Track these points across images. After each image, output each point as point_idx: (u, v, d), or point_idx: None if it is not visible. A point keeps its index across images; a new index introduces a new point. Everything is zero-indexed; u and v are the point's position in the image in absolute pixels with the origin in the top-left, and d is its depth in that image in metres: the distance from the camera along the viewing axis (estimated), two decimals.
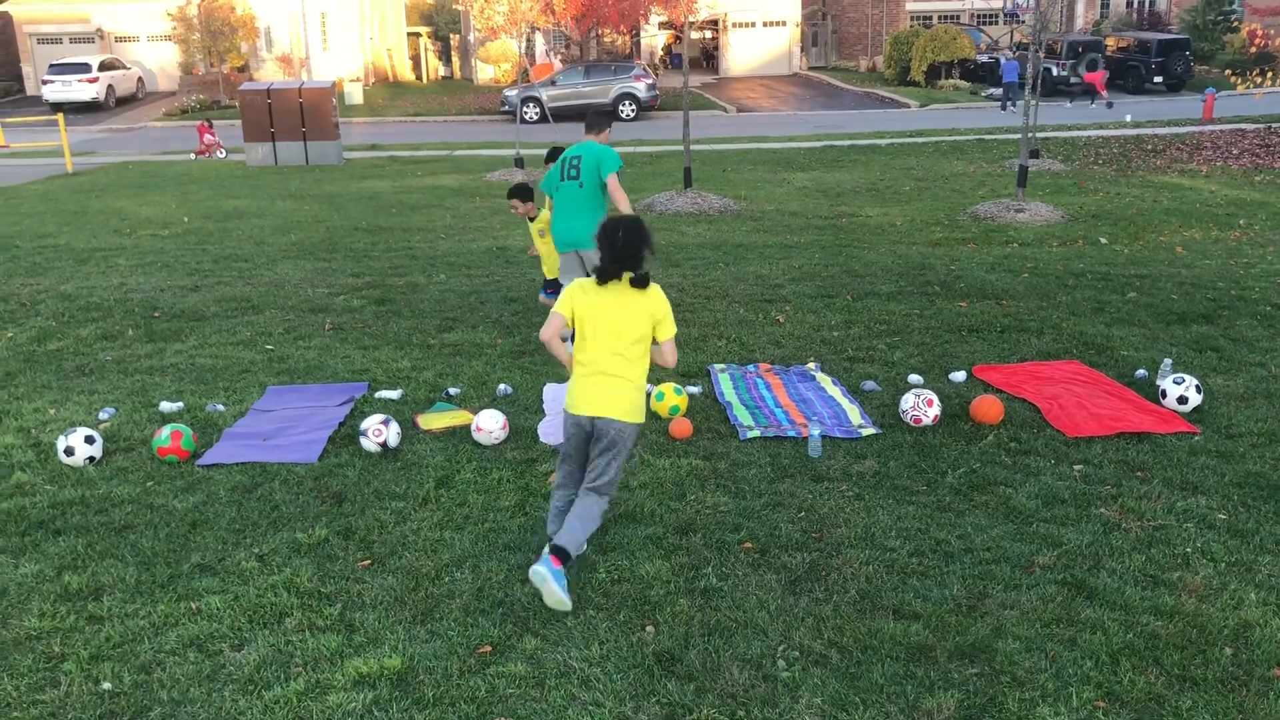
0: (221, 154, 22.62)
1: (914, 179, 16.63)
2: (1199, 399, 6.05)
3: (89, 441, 5.64)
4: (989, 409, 5.97)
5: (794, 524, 4.79)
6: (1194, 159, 17.97)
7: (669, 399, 6.18)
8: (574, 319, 4.30)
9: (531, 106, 28.47)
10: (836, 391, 6.55)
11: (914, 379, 6.73)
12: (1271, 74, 28.75)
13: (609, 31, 36.89)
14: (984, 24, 39.09)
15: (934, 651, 3.78)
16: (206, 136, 22.90)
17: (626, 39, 39.73)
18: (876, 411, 6.20)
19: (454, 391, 6.69)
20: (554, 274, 7.87)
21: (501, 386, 6.72)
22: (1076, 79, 30.32)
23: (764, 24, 40.70)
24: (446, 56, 45.55)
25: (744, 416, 6.14)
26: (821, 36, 45.20)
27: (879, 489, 5.15)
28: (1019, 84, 25.81)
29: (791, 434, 5.86)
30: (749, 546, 4.59)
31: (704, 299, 9.01)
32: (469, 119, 31.35)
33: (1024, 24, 33.77)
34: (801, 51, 42.04)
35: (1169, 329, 7.80)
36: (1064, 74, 30.50)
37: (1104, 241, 11.38)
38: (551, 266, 7.90)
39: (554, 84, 29.87)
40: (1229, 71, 30.99)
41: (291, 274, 10.51)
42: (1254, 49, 32.35)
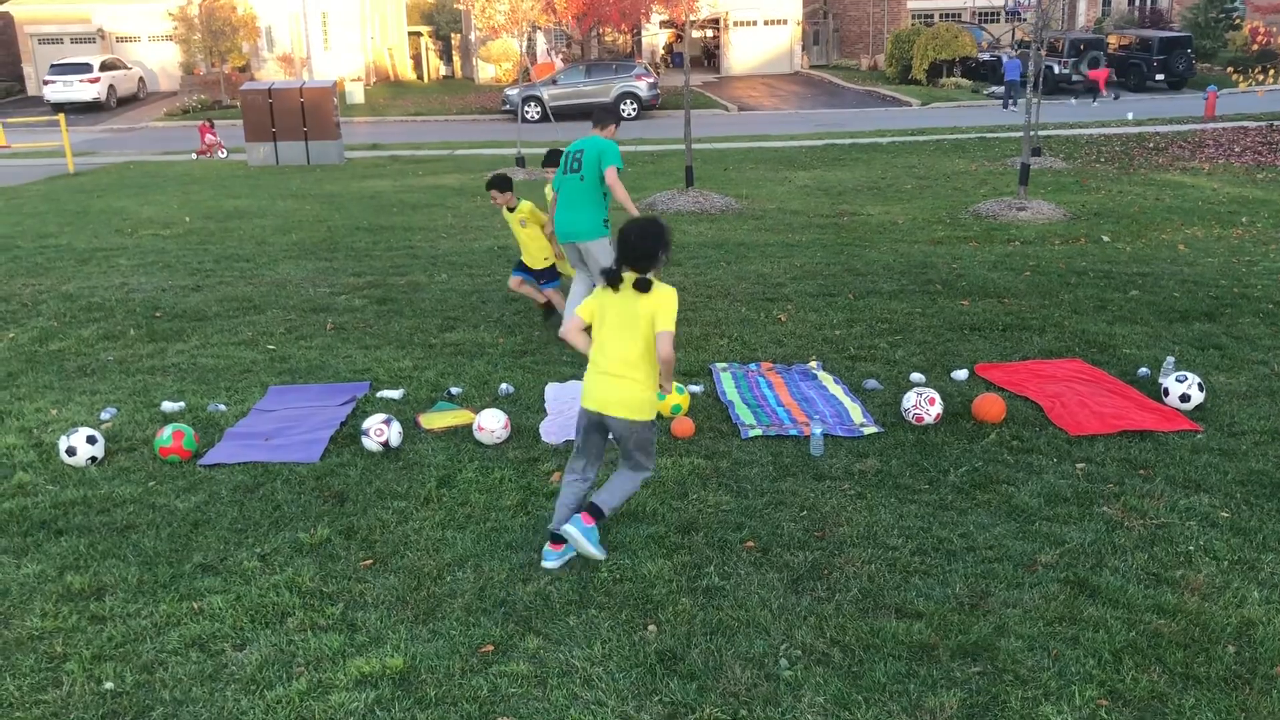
0: (223, 154, 22.64)
1: (915, 177, 16.62)
2: (1201, 397, 6.05)
3: (91, 441, 5.64)
4: (991, 407, 5.96)
5: (796, 523, 4.79)
6: (1196, 157, 17.95)
7: (670, 398, 6.17)
8: (593, 319, 4.42)
9: (533, 106, 28.49)
10: (838, 390, 6.54)
11: (916, 377, 6.73)
12: (1273, 71, 28.72)
13: (610, 30, 36.91)
14: (985, 22, 39.08)
15: (936, 650, 3.77)
16: (208, 136, 22.92)
17: (628, 38, 39.75)
18: (878, 410, 6.20)
19: (456, 391, 6.69)
20: (534, 263, 8.05)
21: (503, 386, 6.72)
22: (1079, 76, 30.30)
23: (765, 22, 40.70)
24: (447, 56, 45.58)
25: (746, 415, 6.14)
26: (823, 35, 45.20)
27: (881, 487, 5.15)
28: (1021, 82, 25.79)
29: (793, 433, 5.86)
30: (751, 545, 4.59)
31: (706, 298, 9.01)
32: (470, 118, 31.37)
33: (1026, 22, 33.77)
34: (803, 50, 42.03)
35: (1171, 327, 7.79)
36: (1066, 72, 30.48)
37: (1106, 239, 11.37)
38: (532, 256, 8.03)
39: (555, 83, 29.89)
40: (1231, 69, 30.96)
41: (293, 274, 10.51)
42: (1256, 46, 32.34)
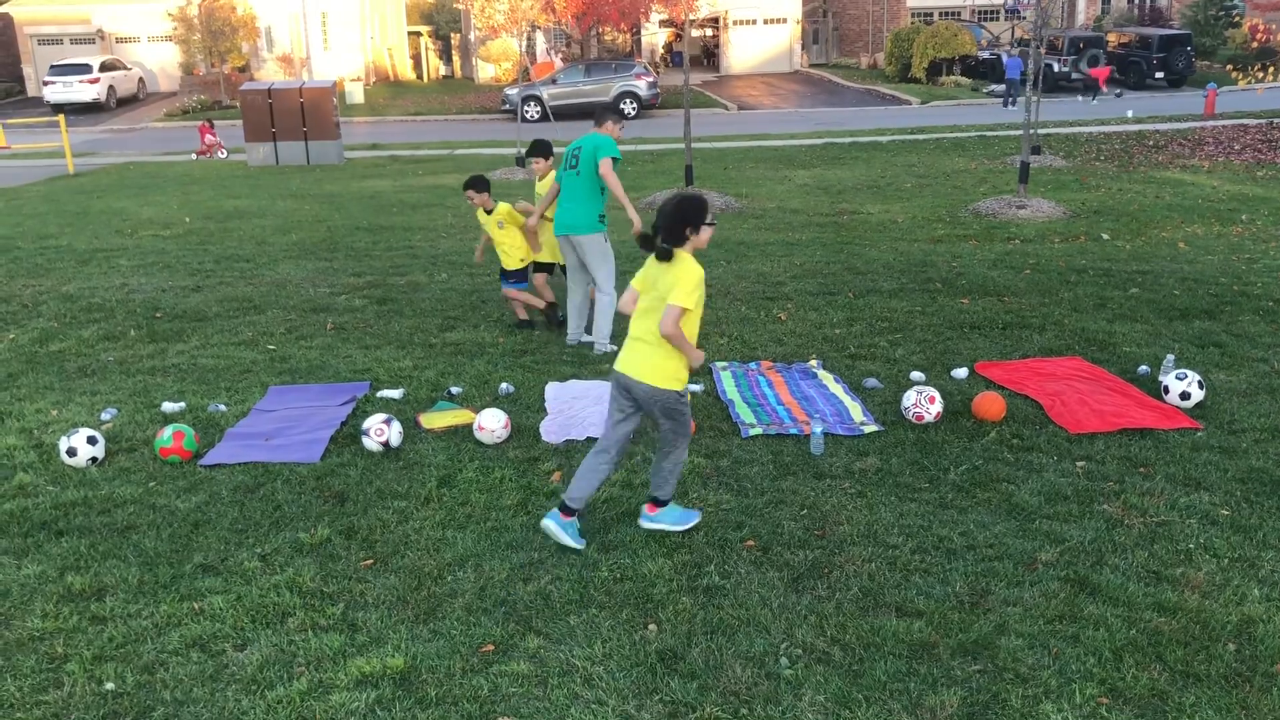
0: (223, 154, 22.64)
1: (915, 176, 16.61)
2: (1201, 395, 6.05)
3: (91, 442, 5.64)
4: (991, 406, 5.96)
5: (796, 521, 4.79)
6: (1196, 154, 17.95)
7: None
8: (642, 287, 4.61)
9: (532, 105, 28.48)
10: (838, 389, 6.54)
11: (916, 376, 6.73)
12: (1273, 69, 28.70)
13: (610, 30, 36.90)
14: (985, 20, 39.07)
15: (936, 648, 3.77)
16: (208, 137, 22.92)
17: (627, 37, 39.74)
18: (878, 409, 6.20)
19: (456, 390, 6.69)
20: (509, 264, 8.05)
21: (503, 385, 6.72)
22: (1078, 74, 30.28)
23: (765, 21, 40.69)
24: (447, 55, 45.57)
25: (746, 414, 6.14)
26: (822, 34, 45.19)
27: (881, 486, 5.15)
28: (1021, 80, 25.79)
29: (793, 431, 5.86)
30: (751, 544, 4.59)
31: (706, 296, 9.00)
32: (470, 118, 31.37)
33: (1025, 20, 33.74)
34: (802, 49, 42.03)
35: (1171, 325, 7.79)
36: (1065, 70, 30.48)
37: (1106, 237, 11.37)
38: (508, 256, 8.04)
39: (555, 82, 29.88)
40: (1230, 67, 30.94)
41: (293, 274, 10.51)
42: (1255, 44, 32.33)
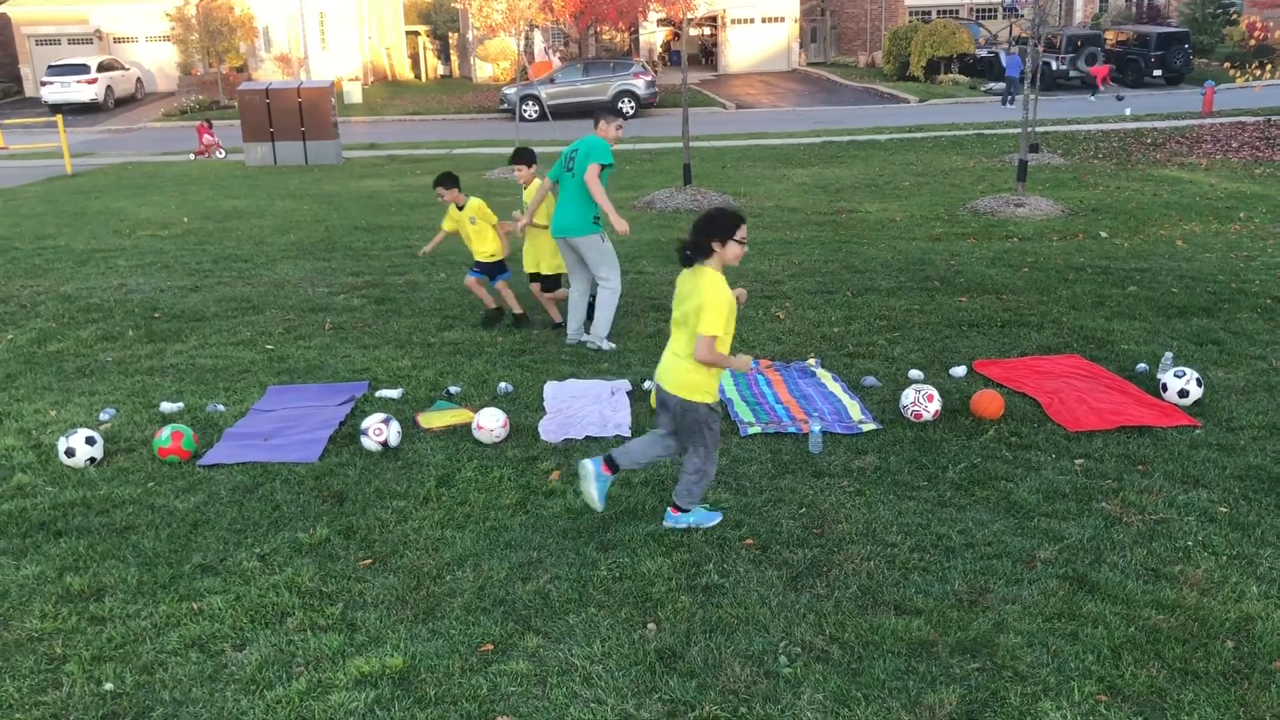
0: (221, 154, 22.63)
1: (913, 174, 16.61)
2: (1200, 392, 6.05)
3: (90, 443, 5.64)
4: (989, 404, 5.97)
5: (795, 520, 4.79)
6: (1194, 152, 17.95)
7: None
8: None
9: (531, 104, 28.47)
10: (837, 387, 6.54)
11: (914, 374, 6.73)
12: (1271, 66, 28.69)
13: (608, 29, 36.88)
14: (983, 18, 39.06)
15: (935, 647, 3.78)
16: (206, 137, 22.90)
17: (625, 36, 39.73)
18: (877, 407, 6.20)
19: (454, 390, 6.69)
20: (482, 256, 8.12)
21: (502, 385, 6.72)
22: (1077, 72, 30.29)
23: (763, 20, 40.69)
24: (445, 55, 45.55)
25: (744, 413, 6.14)
26: (820, 32, 45.20)
27: (880, 484, 5.15)
28: (1020, 78, 25.80)
29: (792, 430, 5.86)
30: (750, 543, 4.59)
31: None
32: (468, 117, 31.35)
33: (1023, 18, 33.74)
34: (800, 47, 42.03)
35: (1169, 322, 7.79)
36: (1063, 68, 30.48)
37: (1104, 235, 11.37)
38: (480, 250, 8.11)
39: (553, 82, 29.86)
40: (1228, 64, 30.95)
41: (291, 273, 10.51)
42: (1253, 42, 32.33)
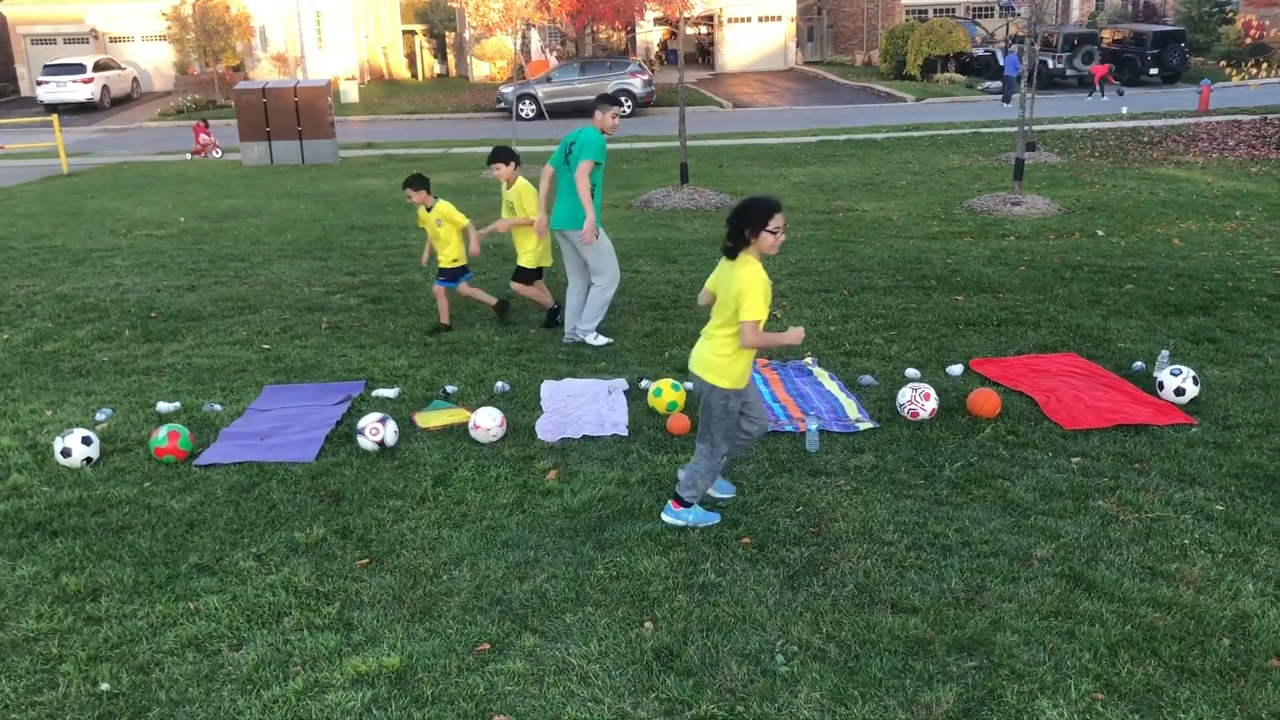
0: (217, 154, 22.60)
1: (910, 173, 16.62)
2: (1196, 390, 6.06)
3: (86, 442, 5.63)
4: (986, 402, 5.97)
5: (792, 519, 4.79)
6: (1190, 151, 17.97)
7: (666, 395, 6.18)
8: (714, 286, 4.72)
9: (528, 103, 28.46)
10: (834, 386, 6.55)
11: (911, 373, 6.74)
12: (1267, 65, 28.76)
13: (604, 28, 36.87)
14: (980, 17, 39.08)
15: (932, 645, 3.78)
16: (202, 136, 22.87)
17: (622, 35, 39.73)
18: (874, 406, 6.20)
19: (451, 389, 6.68)
20: (445, 261, 8.06)
21: (499, 384, 6.72)
22: (1073, 71, 30.32)
23: (759, 19, 40.69)
24: (442, 54, 45.54)
25: None
26: (817, 31, 45.21)
27: (876, 483, 5.15)
28: (1018, 77, 25.82)
29: (789, 429, 5.86)
30: (747, 541, 4.59)
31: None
32: (465, 116, 31.33)
33: (1020, 16, 33.75)
34: (797, 46, 42.04)
35: (1166, 321, 7.80)
36: (1060, 66, 30.52)
37: (1101, 234, 11.38)
38: (443, 256, 8.05)
39: (550, 81, 29.85)
40: (1224, 63, 31.01)
41: (288, 273, 10.50)
42: (1249, 40, 32.39)
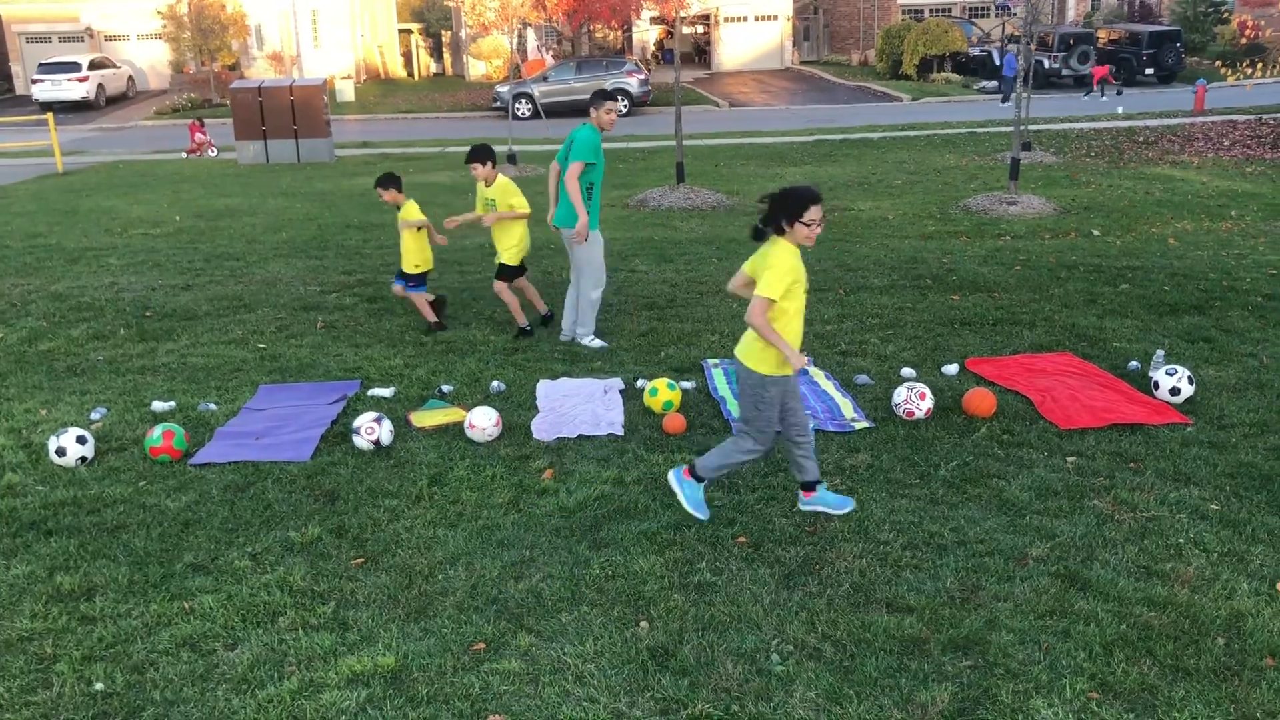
0: (213, 152, 22.56)
1: (906, 173, 16.63)
2: (1191, 390, 6.07)
3: (81, 442, 5.62)
4: (981, 402, 5.98)
5: (787, 518, 4.79)
6: (1185, 150, 18.00)
7: (662, 394, 6.18)
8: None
9: (524, 103, 28.45)
10: (829, 385, 6.55)
11: (906, 372, 6.74)
12: (1262, 65, 28.80)
13: (601, 27, 36.85)
14: (975, 17, 39.11)
15: (927, 644, 3.78)
16: (198, 135, 22.82)
17: (618, 34, 39.70)
18: (869, 405, 6.20)
19: (447, 389, 6.68)
20: (407, 267, 7.99)
21: (495, 383, 6.72)
22: (1069, 71, 30.37)
23: (756, 18, 40.70)
24: (438, 53, 45.50)
25: (737, 411, 6.13)
26: (813, 31, 45.23)
27: (872, 482, 5.15)
28: (1015, 78, 25.85)
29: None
30: (743, 541, 4.60)
31: (697, 294, 9.01)
32: (461, 115, 31.30)
33: (1016, 16, 33.79)
34: (793, 46, 42.05)
35: (1161, 320, 7.81)
36: (1056, 66, 30.56)
37: (1096, 233, 11.40)
38: (405, 260, 7.98)
39: (546, 80, 29.83)
40: (1220, 63, 31.05)
41: (283, 272, 10.48)
42: (1244, 40, 32.44)
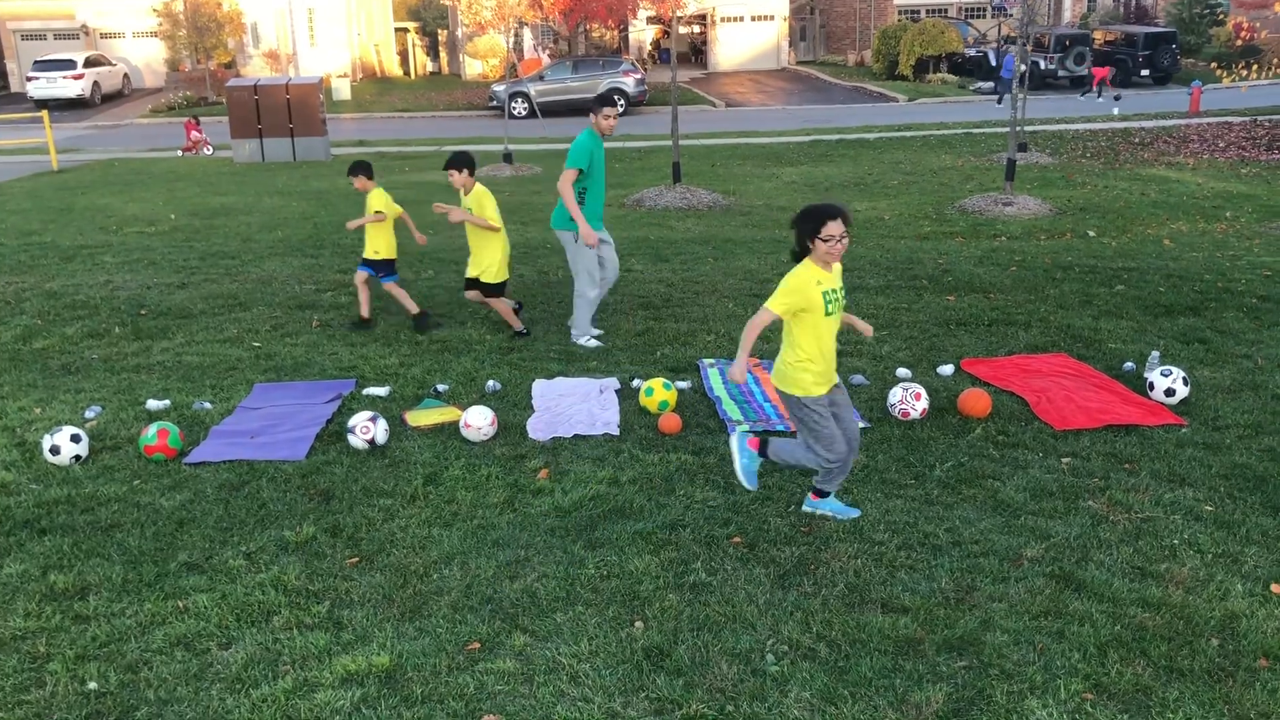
0: (208, 151, 22.53)
1: (902, 173, 16.64)
2: (1186, 391, 6.08)
3: (75, 440, 5.61)
4: (977, 402, 5.98)
5: (783, 518, 4.79)
6: (1181, 152, 18.03)
7: (658, 394, 6.17)
8: None
9: (520, 102, 28.43)
10: None
11: (902, 373, 6.74)
12: (1257, 67, 28.84)
13: (597, 26, 36.84)
14: (972, 18, 39.15)
15: (922, 644, 3.78)
16: (193, 133, 22.79)
17: (615, 34, 39.69)
18: (865, 405, 6.20)
19: (442, 388, 6.67)
20: (368, 252, 7.98)
21: (490, 382, 6.71)
22: (1065, 72, 30.41)
23: (752, 18, 40.69)
24: (434, 52, 45.43)
25: (733, 411, 6.14)
26: (810, 31, 45.24)
27: (867, 483, 5.15)
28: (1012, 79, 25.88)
29: (780, 428, 5.86)
30: (738, 541, 4.59)
31: (693, 294, 9.01)
32: (457, 114, 31.27)
33: (1012, 17, 33.84)
34: (790, 46, 42.05)
35: (1156, 321, 7.82)
36: (1052, 67, 30.60)
37: (1092, 234, 11.41)
38: (368, 245, 7.95)
39: (542, 79, 29.81)
40: (1215, 65, 31.08)
41: (279, 271, 10.47)
42: (1240, 42, 32.47)
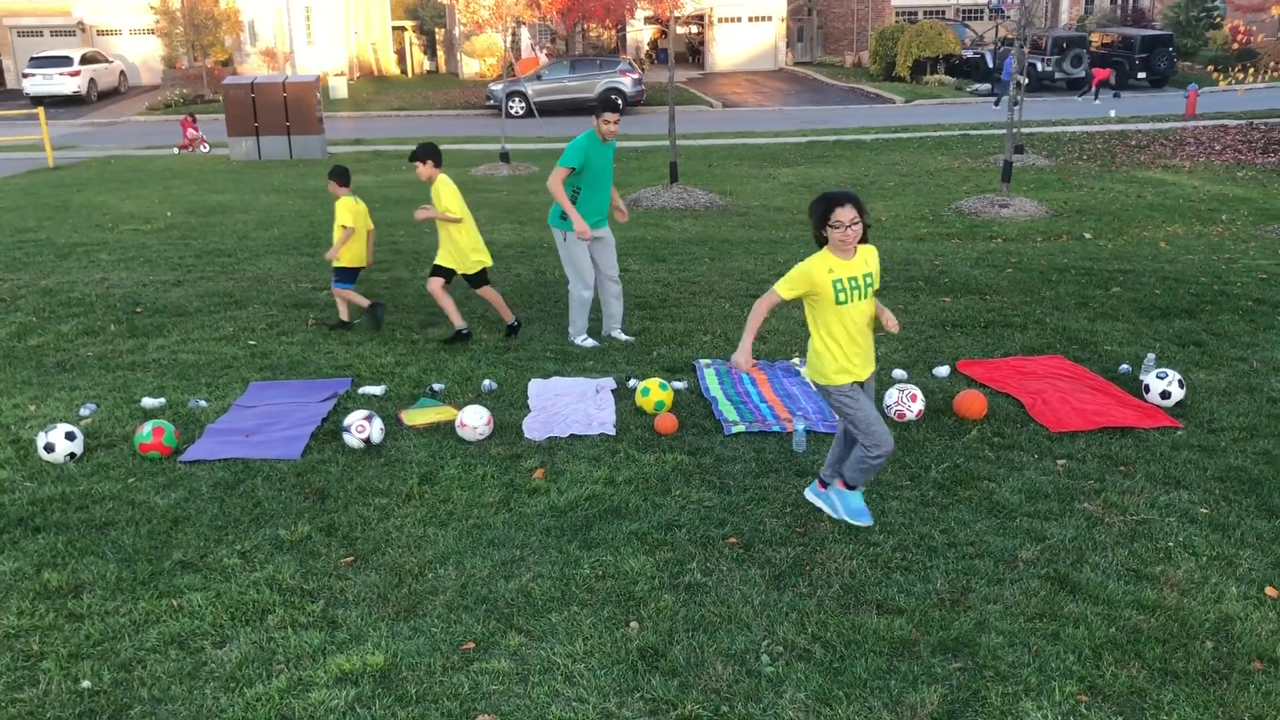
0: (205, 148, 22.50)
1: (899, 175, 16.66)
2: (1181, 394, 6.08)
3: (69, 438, 5.59)
4: (972, 404, 5.98)
5: (778, 519, 4.79)
6: (1177, 154, 18.06)
7: (654, 394, 6.17)
8: None
9: (517, 101, 28.42)
10: None
11: (898, 374, 6.75)
12: (1253, 70, 28.89)
13: (595, 26, 36.84)
14: (969, 19, 39.19)
15: (917, 646, 3.78)
16: (190, 131, 22.75)
17: (612, 34, 39.69)
18: None
19: (438, 387, 6.67)
20: (340, 262, 7.90)
21: (486, 382, 6.70)
22: (1062, 74, 30.46)
23: (750, 19, 40.69)
24: (431, 50, 45.39)
25: (729, 411, 6.14)
26: (807, 32, 45.26)
27: None
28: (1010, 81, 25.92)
29: (776, 429, 5.86)
30: (733, 541, 4.59)
31: (689, 294, 9.01)
32: (454, 113, 31.26)
33: (1009, 19, 33.90)
34: (787, 47, 42.07)
35: (1152, 324, 7.84)
36: (1049, 69, 30.65)
37: (1088, 237, 11.43)
38: (341, 255, 7.86)
39: (540, 78, 29.80)
40: (1211, 68, 31.13)
41: (275, 269, 10.45)
42: (1236, 45, 32.53)
